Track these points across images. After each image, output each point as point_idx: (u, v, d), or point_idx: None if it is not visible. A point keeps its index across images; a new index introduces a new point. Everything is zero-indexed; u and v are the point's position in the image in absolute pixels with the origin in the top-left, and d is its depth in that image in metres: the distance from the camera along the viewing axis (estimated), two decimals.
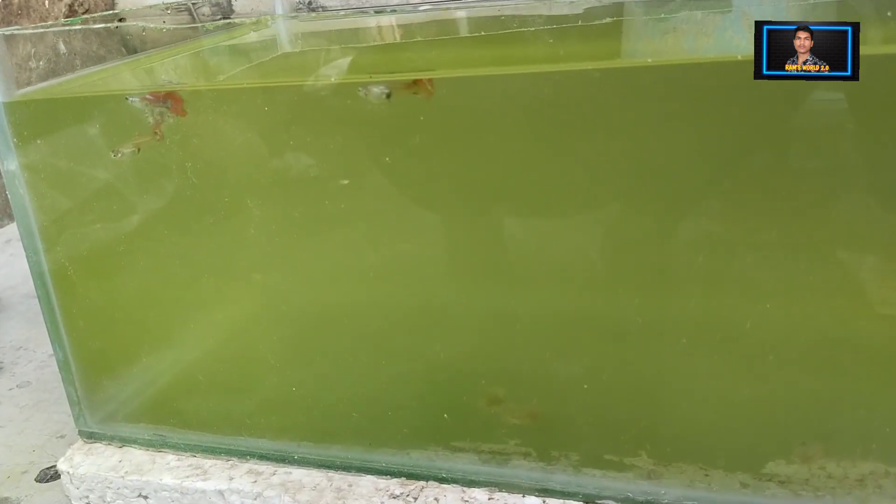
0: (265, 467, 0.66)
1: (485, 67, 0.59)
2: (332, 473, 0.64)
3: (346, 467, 0.64)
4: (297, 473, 0.65)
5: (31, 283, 1.20)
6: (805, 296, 0.51)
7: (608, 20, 0.57)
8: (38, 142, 0.63)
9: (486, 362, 0.61)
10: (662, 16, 0.57)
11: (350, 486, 0.63)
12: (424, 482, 0.62)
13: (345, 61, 0.67)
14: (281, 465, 0.66)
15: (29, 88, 0.65)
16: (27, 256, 0.67)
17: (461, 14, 0.71)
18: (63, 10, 1.78)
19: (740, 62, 0.45)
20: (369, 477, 0.63)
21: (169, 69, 0.76)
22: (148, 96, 0.58)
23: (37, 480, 0.75)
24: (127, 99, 0.59)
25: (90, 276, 0.67)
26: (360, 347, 0.63)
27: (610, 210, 0.54)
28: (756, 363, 0.54)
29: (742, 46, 0.44)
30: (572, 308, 0.58)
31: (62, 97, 0.65)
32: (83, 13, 1.82)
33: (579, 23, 0.58)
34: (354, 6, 1.26)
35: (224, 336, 0.67)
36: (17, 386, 0.94)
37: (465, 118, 0.54)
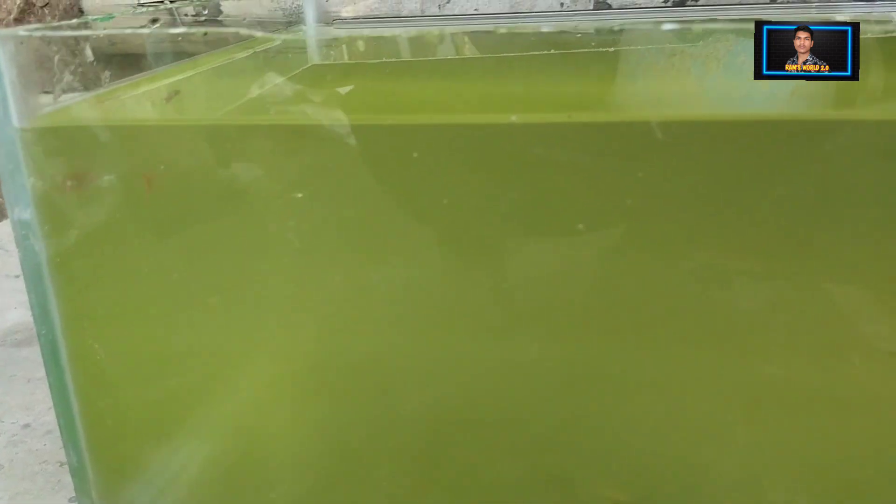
0: None
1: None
2: None
3: None
4: None
5: None
6: None
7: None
8: (64, 181, 0.46)
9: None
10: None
11: None
12: None
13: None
14: None
15: (49, 108, 0.48)
16: (39, 336, 0.49)
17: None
18: (18, 2, 1.57)
19: None
20: None
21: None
22: None
23: None
24: None
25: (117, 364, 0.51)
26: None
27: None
28: None
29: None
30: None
31: (101, 124, 0.48)
32: (42, 6, 1.61)
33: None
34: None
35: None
36: None
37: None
